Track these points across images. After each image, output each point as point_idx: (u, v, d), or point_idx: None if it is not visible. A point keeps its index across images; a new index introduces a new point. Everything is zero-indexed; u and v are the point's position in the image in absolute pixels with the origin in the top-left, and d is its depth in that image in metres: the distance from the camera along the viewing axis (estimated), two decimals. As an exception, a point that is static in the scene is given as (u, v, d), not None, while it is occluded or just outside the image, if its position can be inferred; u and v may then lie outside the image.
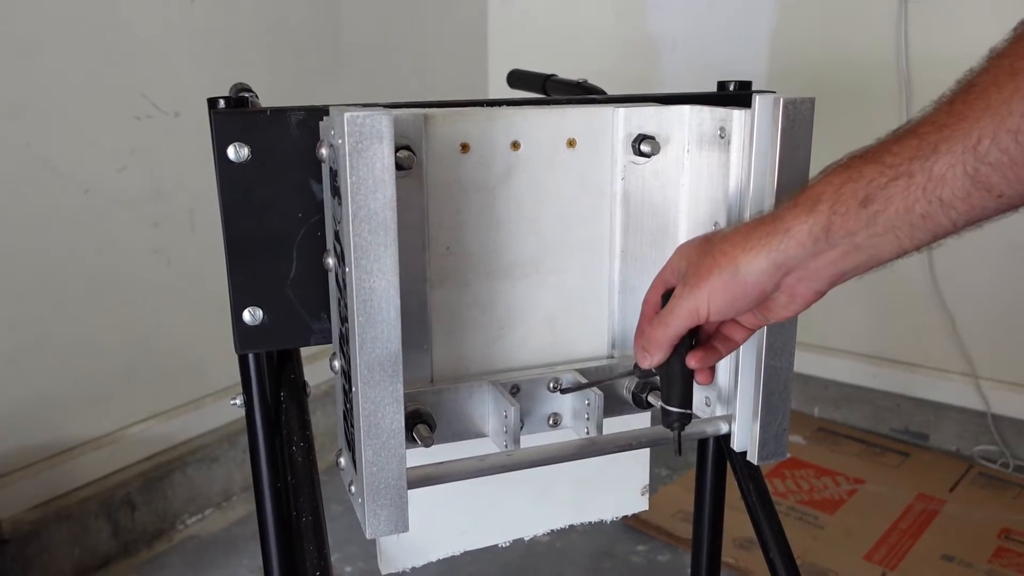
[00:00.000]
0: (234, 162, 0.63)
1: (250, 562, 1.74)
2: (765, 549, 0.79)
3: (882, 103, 2.04)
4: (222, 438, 1.95)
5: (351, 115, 0.53)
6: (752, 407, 0.68)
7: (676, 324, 0.60)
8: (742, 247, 0.55)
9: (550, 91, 1.11)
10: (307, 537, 0.67)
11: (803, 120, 0.62)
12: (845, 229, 0.51)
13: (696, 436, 0.74)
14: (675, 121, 0.72)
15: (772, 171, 0.63)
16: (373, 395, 0.57)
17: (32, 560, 1.60)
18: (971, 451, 2.09)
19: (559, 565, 1.69)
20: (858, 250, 0.52)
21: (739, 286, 0.56)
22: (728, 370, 0.71)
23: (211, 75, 1.82)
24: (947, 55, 1.93)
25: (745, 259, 0.55)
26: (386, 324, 0.57)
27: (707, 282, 0.57)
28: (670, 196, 0.74)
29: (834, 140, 0.72)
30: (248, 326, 0.67)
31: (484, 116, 0.67)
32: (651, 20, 2.37)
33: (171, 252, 1.82)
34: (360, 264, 0.55)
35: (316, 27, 2.09)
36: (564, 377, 0.72)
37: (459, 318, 0.70)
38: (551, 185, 0.71)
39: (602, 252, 0.74)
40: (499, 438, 0.69)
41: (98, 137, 1.66)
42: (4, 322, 1.56)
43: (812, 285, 0.55)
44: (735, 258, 0.55)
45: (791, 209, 0.53)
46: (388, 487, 0.59)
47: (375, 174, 0.54)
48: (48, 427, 1.66)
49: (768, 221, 0.55)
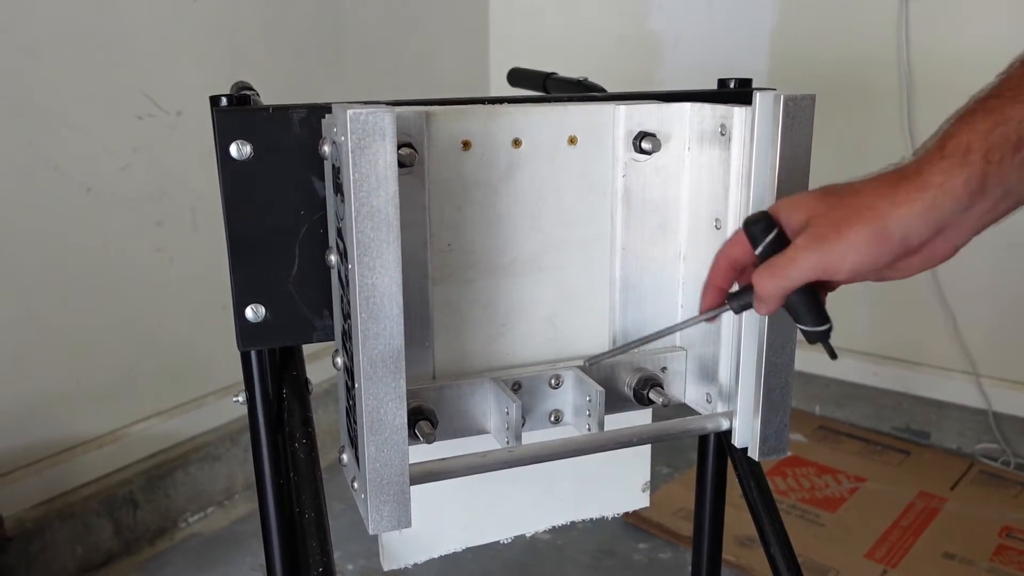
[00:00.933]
0: (236, 160, 0.63)
1: (252, 560, 1.74)
2: (766, 546, 0.79)
3: (883, 101, 2.04)
4: (224, 436, 1.96)
5: (354, 112, 0.53)
6: (753, 403, 0.69)
7: (797, 277, 0.55)
8: (890, 201, 0.51)
9: (551, 89, 1.11)
10: (310, 534, 0.67)
11: (804, 117, 0.63)
12: (1000, 178, 0.48)
13: (697, 433, 0.74)
14: (676, 118, 0.72)
15: (773, 168, 0.63)
16: (376, 391, 0.57)
17: (35, 558, 1.61)
18: (972, 449, 2.09)
19: (560, 563, 1.70)
20: (1007, 197, 0.49)
21: (886, 243, 0.51)
22: (729, 366, 0.72)
23: (213, 74, 1.82)
24: (948, 53, 1.93)
25: (896, 215, 0.50)
26: (389, 321, 0.57)
27: (846, 236, 0.52)
28: (671, 193, 0.74)
29: (835, 138, 0.72)
30: (250, 323, 0.67)
31: (486, 113, 0.67)
32: (652, 17, 2.37)
33: (173, 250, 1.82)
34: (363, 261, 0.55)
35: (317, 25, 2.09)
36: (565, 374, 0.73)
37: (461, 315, 0.71)
38: (552, 182, 0.71)
39: (603, 249, 0.74)
40: (501, 434, 0.70)
41: (100, 136, 1.67)
42: (7, 320, 1.57)
43: (955, 240, 0.52)
44: (883, 213, 0.51)
45: (938, 162, 0.50)
46: (391, 483, 0.59)
47: (377, 171, 0.55)
48: (50, 425, 1.66)
49: (911, 174, 0.51)
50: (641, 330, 0.76)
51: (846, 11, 2.08)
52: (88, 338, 1.70)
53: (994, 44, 1.88)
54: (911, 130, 2.00)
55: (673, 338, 0.77)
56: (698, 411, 0.76)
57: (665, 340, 0.76)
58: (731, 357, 0.71)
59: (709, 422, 0.72)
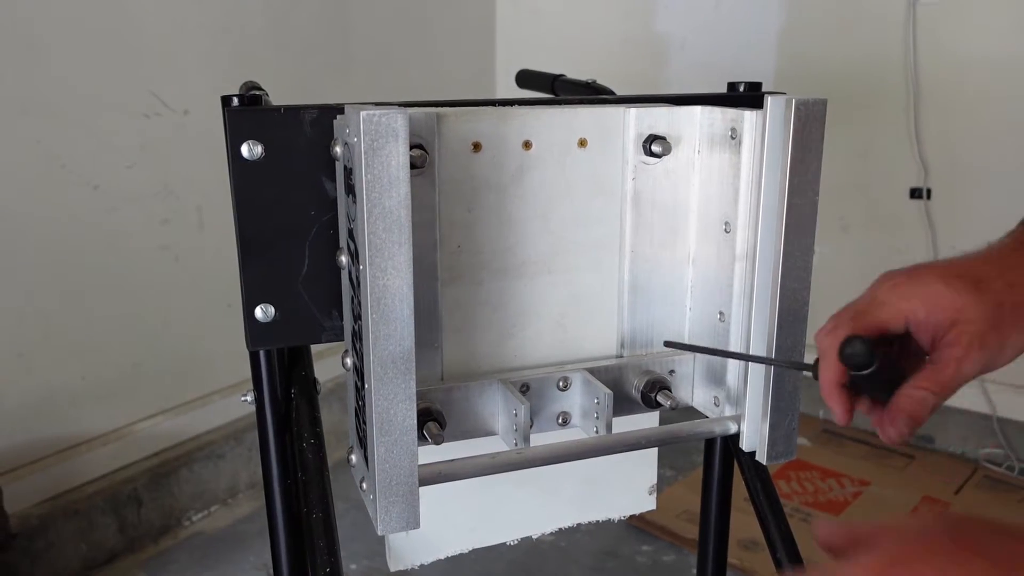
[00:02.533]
0: (248, 160, 0.63)
1: (255, 559, 1.75)
2: (773, 550, 0.79)
3: (890, 104, 2.04)
4: (228, 435, 1.96)
5: (367, 114, 0.53)
6: (762, 407, 0.69)
7: (954, 390, 0.51)
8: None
9: (559, 91, 1.11)
10: (317, 534, 0.67)
11: (815, 121, 0.63)
12: None
13: (705, 436, 0.74)
14: (686, 122, 0.72)
15: (784, 172, 0.63)
16: (386, 392, 0.57)
17: (39, 555, 1.61)
18: (977, 454, 2.08)
19: (564, 564, 1.70)
20: None
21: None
22: (737, 370, 0.72)
23: (220, 73, 1.83)
24: (955, 57, 1.93)
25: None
26: (400, 322, 0.57)
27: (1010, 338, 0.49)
28: (681, 196, 0.74)
29: (840, 141, 0.72)
30: (260, 323, 0.67)
31: (497, 116, 0.67)
32: (659, 20, 2.37)
33: (179, 249, 1.83)
34: (374, 262, 0.55)
35: (324, 26, 2.09)
36: (573, 376, 0.73)
37: (470, 316, 0.71)
38: (562, 184, 0.71)
39: (612, 251, 0.74)
40: (509, 436, 0.69)
41: (107, 134, 1.67)
42: (12, 317, 1.57)
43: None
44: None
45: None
46: (400, 484, 0.59)
47: (390, 172, 0.55)
48: (55, 422, 1.67)
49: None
50: (650, 333, 0.76)
51: (853, 14, 2.08)
52: (93, 335, 1.70)
53: (1000, 48, 1.88)
54: (917, 133, 2.00)
55: (681, 341, 0.77)
56: (706, 414, 0.76)
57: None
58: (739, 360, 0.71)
59: (717, 425, 0.72)
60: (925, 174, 2.04)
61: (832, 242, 2.16)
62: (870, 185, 2.13)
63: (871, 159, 2.10)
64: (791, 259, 0.65)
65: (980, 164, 1.98)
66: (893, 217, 2.12)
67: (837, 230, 2.19)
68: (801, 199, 0.64)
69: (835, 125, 0.64)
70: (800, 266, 0.66)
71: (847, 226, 2.19)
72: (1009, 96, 1.91)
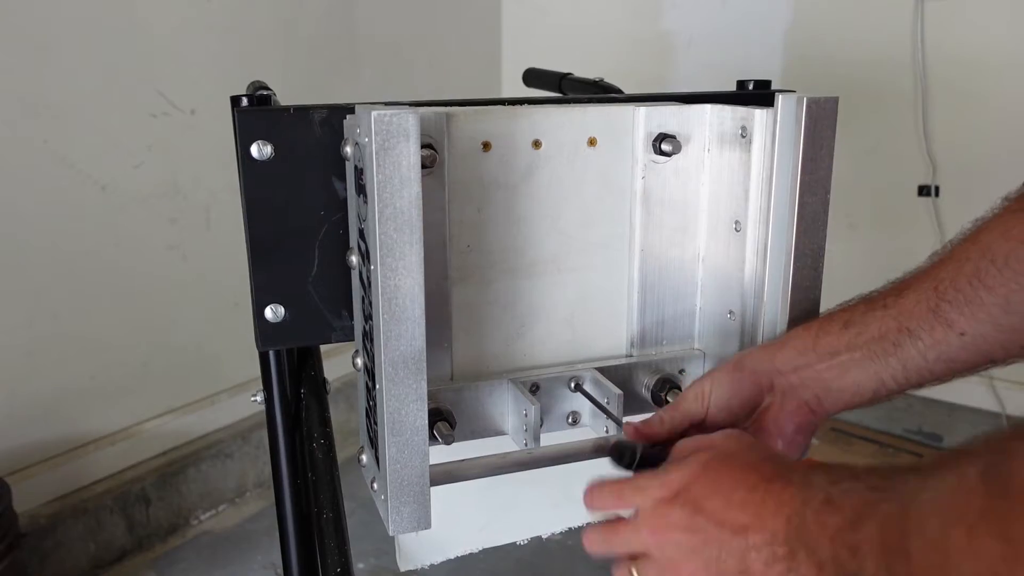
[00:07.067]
0: (257, 160, 0.63)
1: (263, 558, 1.75)
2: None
3: (898, 101, 2.03)
4: (236, 434, 1.96)
5: (378, 114, 0.53)
6: (772, 407, 0.68)
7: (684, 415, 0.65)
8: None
9: (566, 90, 1.11)
10: (328, 533, 0.67)
11: (827, 119, 0.62)
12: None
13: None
14: (696, 120, 0.72)
15: (795, 171, 0.63)
16: (397, 392, 0.57)
17: (48, 554, 1.61)
18: (985, 452, 2.07)
19: (571, 563, 1.69)
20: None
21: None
22: (748, 369, 0.71)
23: (227, 73, 1.83)
24: (963, 54, 1.92)
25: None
26: (411, 322, 0.57)
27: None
28: (690, 195, 0.74)
29: (848, 138, 0.72)
30: (270, 323, 0.67)
31: (506, 115, 0.67)
32: (666, 18, 2.36)
33: (187, 248, 1.83)
34: (385, 262, 0.55)
35: (331, 25, 2.09)
36: (583, 376, 0.73)
37: (480, 316, 0.70)
38: (572, 183, 0.71)
39: (622, 250, 0.74)
40: (519, 436, 0.69)
41: (115, 134, 1.67)
42: (21, 317, 1.57)
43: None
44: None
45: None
46: (411, 484, 0.59)
47: (401, 172, 0.55)
48: (64, 422, 1.67)
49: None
50: (660, 332, 0.76)
51: (861, 12, 2.07)
52: (101, 335, 1.70)
53: (1009, 44, 1.87)
54: (926, 130, 1.99)
55: (691, 340, 0.77)
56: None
57: (683, 342, 0.76)
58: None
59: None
60: (933, 171, 2.03)
61: (839, 240, 2.16)
62: (878, 183, 2.12)
63: (879, 156, 2.10)
64: (802, 258, 0.65)
65: (989, 161, 1.97)
66: (901, 215, 2.11)
67: (844, 228, 2.18)
68: (813, 197, 0.64)
69: (843, 122, 0.64)
70: (811, 265, 0.66)
71: (854, 224, 2.18)
72: (1018, 93, 1.90)
